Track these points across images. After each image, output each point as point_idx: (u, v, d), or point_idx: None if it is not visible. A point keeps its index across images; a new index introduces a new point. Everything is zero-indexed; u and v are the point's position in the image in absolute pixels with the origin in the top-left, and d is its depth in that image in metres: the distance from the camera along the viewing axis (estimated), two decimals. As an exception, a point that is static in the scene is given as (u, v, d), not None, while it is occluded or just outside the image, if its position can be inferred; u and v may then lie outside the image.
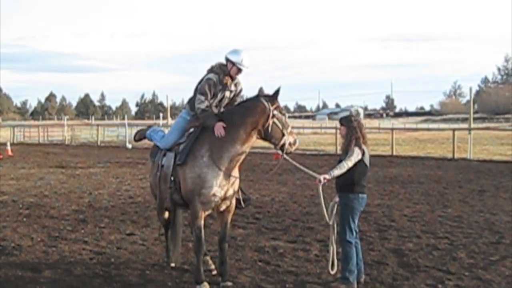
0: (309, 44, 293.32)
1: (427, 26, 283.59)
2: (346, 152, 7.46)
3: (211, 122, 7.27)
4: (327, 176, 7.25)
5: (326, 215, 7.56)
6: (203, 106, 7.39)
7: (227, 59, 7.50)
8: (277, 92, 7.22)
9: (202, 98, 7.40)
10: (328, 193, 7.84)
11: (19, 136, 49.32)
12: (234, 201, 7.62)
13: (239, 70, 7.51)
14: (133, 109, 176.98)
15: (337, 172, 7.27)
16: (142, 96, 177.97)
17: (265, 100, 7.17)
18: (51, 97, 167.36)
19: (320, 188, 7.35)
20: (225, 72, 7.51)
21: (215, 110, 7.55)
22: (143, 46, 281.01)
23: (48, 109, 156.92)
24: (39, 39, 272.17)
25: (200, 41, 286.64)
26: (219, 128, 7.17)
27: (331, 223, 7.65)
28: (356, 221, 7.56)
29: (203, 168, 7.17)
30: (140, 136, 8.79)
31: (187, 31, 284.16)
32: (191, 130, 7.63)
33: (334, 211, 7.66)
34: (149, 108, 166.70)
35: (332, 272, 7.60)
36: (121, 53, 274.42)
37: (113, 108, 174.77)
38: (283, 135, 7.18)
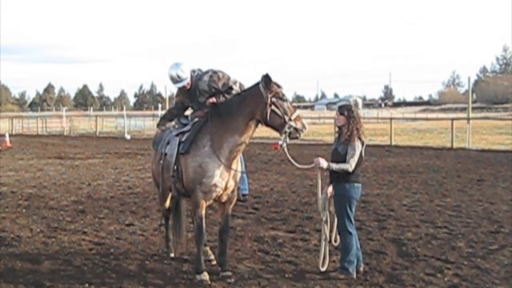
0: (306, 34, 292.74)
1: (426, 14, 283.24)
2: (346, 143, 7.28)
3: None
4: (325, 165, 7.19)
5: (321, 210, 7.58)
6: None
7: None
8: (267, 79, 6.96)
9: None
10: (326, 182, 7.79)
11: (18, 127, 49.28)
12: (235, 192, 7.60)
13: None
14: (132, 100, 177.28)
15: (335, 167, 7.21)
16: (141, 87, 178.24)
17: (262, 88, 6.98)
18: (49, 88, 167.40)
19: (319, 174, 7.37)
20: None
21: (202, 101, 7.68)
22: (141, 37, 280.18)
23: (47, 100, 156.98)
24: (37, 30, 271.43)
25: (197, 32, 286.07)
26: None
27: (324, 218, 7.59)
28: (354, 211, 7.53)
29: (204, 158, 7.16)
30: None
31: (186, 21, 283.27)
32: (196, 119, 7.63)
33: (327, 205, 7.58)
34: (148, 99, 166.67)
35: (322, 270, 7.51)
36: (120, 44, 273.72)
37: (112, 99, 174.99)
38: (285, 121, 6.98)
